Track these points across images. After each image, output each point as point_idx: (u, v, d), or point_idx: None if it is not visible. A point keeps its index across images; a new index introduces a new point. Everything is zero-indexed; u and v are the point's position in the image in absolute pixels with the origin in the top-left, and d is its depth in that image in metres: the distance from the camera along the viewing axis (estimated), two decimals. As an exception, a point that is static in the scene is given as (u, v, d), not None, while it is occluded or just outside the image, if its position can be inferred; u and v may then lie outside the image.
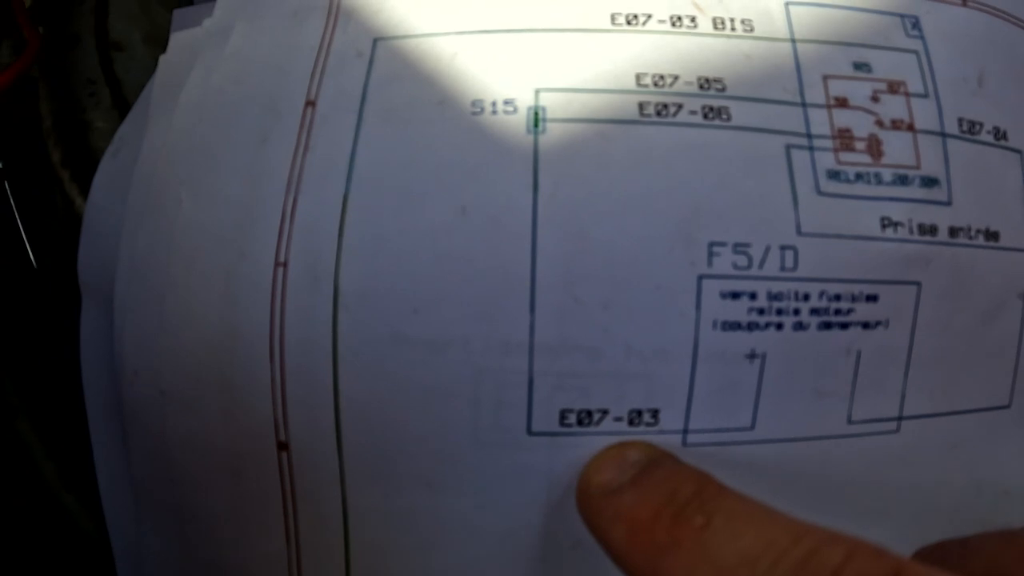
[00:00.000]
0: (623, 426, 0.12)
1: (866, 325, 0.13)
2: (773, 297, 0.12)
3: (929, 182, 0.14)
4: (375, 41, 0.14)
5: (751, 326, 0.12)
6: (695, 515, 0.10)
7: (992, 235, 0.14)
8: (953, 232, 0.14)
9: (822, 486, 0.13)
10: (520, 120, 0.13)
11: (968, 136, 0.14)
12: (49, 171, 0.17)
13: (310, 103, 0.14)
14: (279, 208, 0.13)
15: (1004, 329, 0.15)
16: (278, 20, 0.15)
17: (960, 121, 0.14)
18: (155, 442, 0.14)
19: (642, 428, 0.12)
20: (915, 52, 0.14)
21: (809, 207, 0.13)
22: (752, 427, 0.13)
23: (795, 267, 0.13)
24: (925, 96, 0.14)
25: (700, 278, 0.12)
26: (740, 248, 0.12)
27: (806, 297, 0.13)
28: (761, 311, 0.12)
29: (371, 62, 0.14)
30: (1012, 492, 0.15)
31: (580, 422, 0.12)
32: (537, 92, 0.13)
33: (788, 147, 0.13)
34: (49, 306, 0.18)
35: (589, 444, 0.12)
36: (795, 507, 0.13)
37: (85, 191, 0.17)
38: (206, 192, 0.14)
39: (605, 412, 0.12)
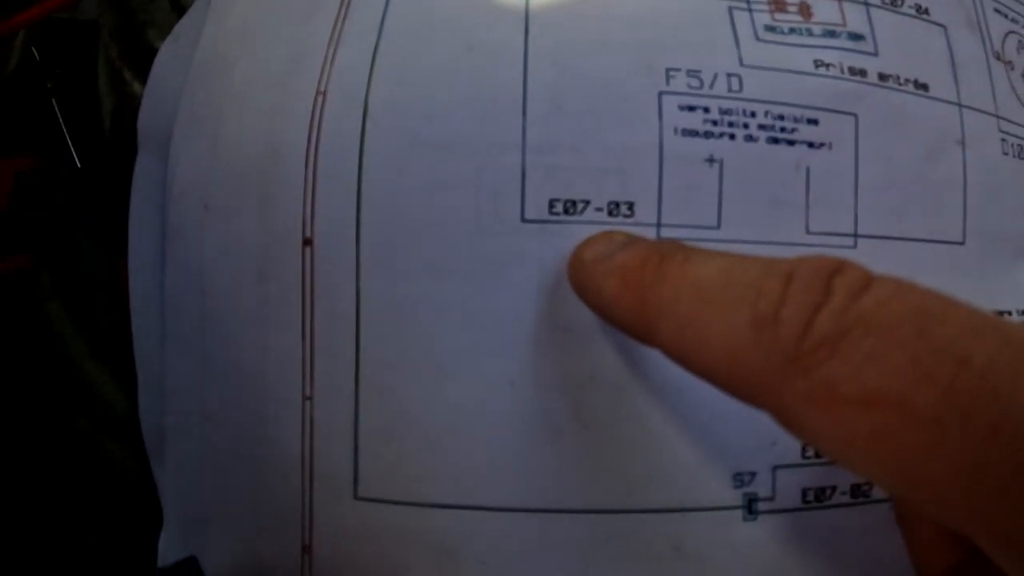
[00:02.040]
0: (603, 216, 0.15)
1: (811, 144, 0.15)
2: (724, 112, 0.15)
3: (855, 37, 0.16)
4: None
5: (707, 134, 0.15)
6: (676, 255, 0.12)
7: (922, 86, 0.17)
8: (882, 77, 0.16)
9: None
10: None
11: (890, 7, 0.17)
12: (95, 78, 0.20)
13: None
14: (321, 54, 0.16)
15: (947, 170, 0.17)
16: None
17: (881, -5, 0.17)
18: (193, 254, 0.16)
19: (620, 219, 0.15)
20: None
21: (749, 48, 0.16)
22: (718, 226, 0.15)
23: (740, 90, 0.15)
24: None
25: (660, 94, 0.15)
26: (692, 73, 0.15)
27: (752, 114, 0.15)
28: (715, 123, 0.15)
29: None
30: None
31: (566, 211, 0.15)
32: None
33: (731, 8, 0.16)
34: (89, 202, 0.21)
35: (575, 232, 0.15)
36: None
37: (141, 77, 0.20)
38: (260, 54, 0.17)
39: (587, 202, 0.15)
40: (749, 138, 0.15)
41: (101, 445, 0.20)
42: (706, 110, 0.15)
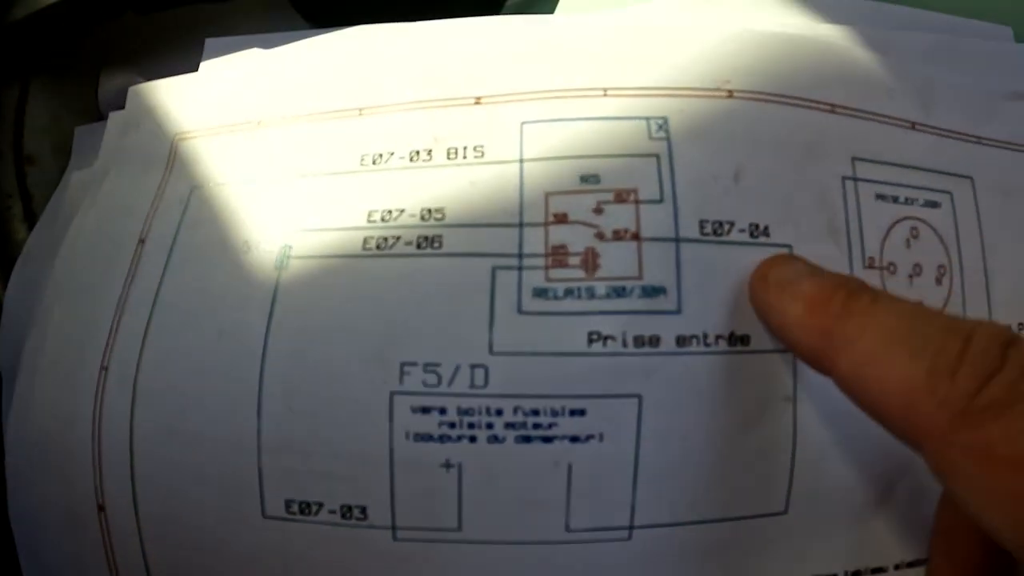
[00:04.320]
0: (337, 518, 0.14)
1: (575, 439, 0.13)
2: (464, 412, 0.13)
3: (652, 291, 0.14)
4: (192, 189, 0.17)
5: (443, 438, 0.13)
6: (863, 295, 0.13)
7: (740, 339, 0.14)
8: (683, 341, 0.14)
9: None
10: (271, 257, 0.15)
11: (712, 238, 0.14)
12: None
13: (141, 241, 0.17)
14: (108, 325, 0.16)
15: (770, 434, 0.14)
16: (134, 168, 0.18)
17: (703, 224, 0.14)
18: (25, 503, 0.17)
19: (353, 522, 0.14)
20: (655, 156, 0.15)
21: (506, 326, 0.14)
22: (459, 528, 0.14)
23: (485, 384, 0.13)
24: (659, 201, 0.14)
25: (392, 394, 0.14)
26: (430, 367, 0.13)
27: (499, 412, 0.13)
28: (452, 425, 0.13)
29: (186, 207, 0.17)
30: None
31: (302, 511, 0.14)
32: (288, 233, 0.15)
33: (495, 269, 0.14)
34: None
35: (315, 532, 0.14)
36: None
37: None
38: (70, 309, 0.17)
39: (320, 505, 0.14)
40: (494, 439, 0.13)
41: None
42: (442, 411, 0.13)
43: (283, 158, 0.16)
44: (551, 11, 0.21)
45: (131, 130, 0.18)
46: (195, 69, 0.19)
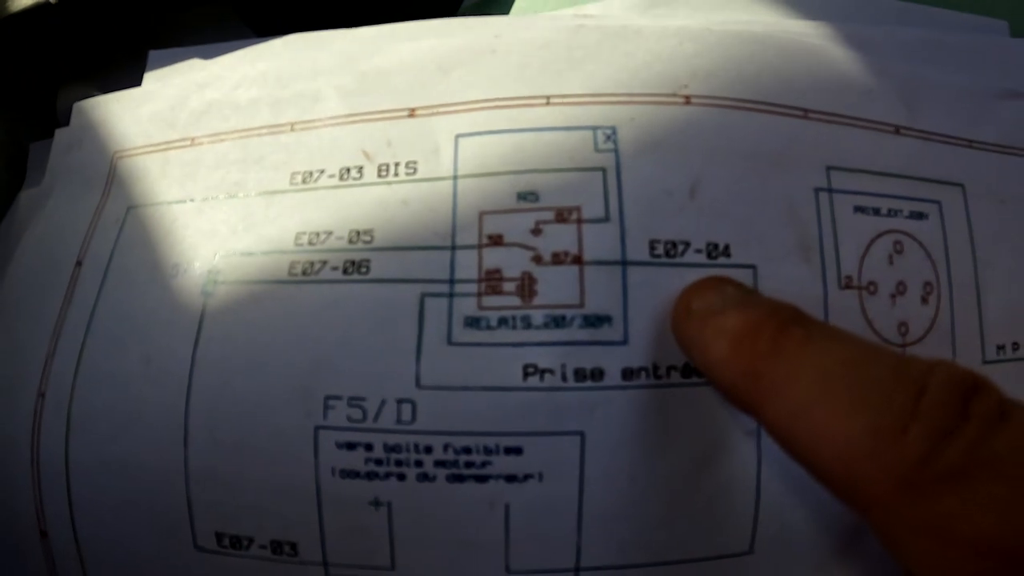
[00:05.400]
0: (268, 553, 0.13)
1: (511, 478, 0.12)
2: (391, 449, 0.12)
3: (595, 320, 0.13)
4: (128, 209, 0.16)
5: (370, 475, 0.12)
6: (795, 328, 0.11)
7: (696, 370, 0.13)
8: (629, 374, 0.13)
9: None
10: (198, 282, 0.14)
11: (663, 260, 0.13)
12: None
13: (79, 263, 0.16)
14: (45, 349, 0.15)
15: (731, 471, 0.13)
16: (76, 187, 0.17)
17: (653, 244, 0.13)
18: None
19: (284, 558, 0.13)
20: (602, 170, 0.13)
21: (433, 359, 0.12)
22: (392, 568, 0.13)
23: (412, 420, 0.12)
24: (605, 220, 0.13)
25: (317, 428, 0.13)
26: (355, 402, 0.12)
27: (428, 449, 0.12)
28: (379, 462, 0.12)
29: (122, 227, 0.16)
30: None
31: (233, 545, 0.13)
32: (217, 256, 0.14)
33: (423, 296, 0.13)
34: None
35: (247, 567, 0.13)
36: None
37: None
38: (9, 333, 0.17)
39: (251, 539, 0.13)
40: (424, 477, 0.12)
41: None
42: (368, 447, 0.12)
43: (215, 176, 0.15)
44: (507, 11, 0.20)
45: (74, 147, 0.18)
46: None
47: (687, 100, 0.14)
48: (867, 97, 0.14)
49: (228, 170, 0.15)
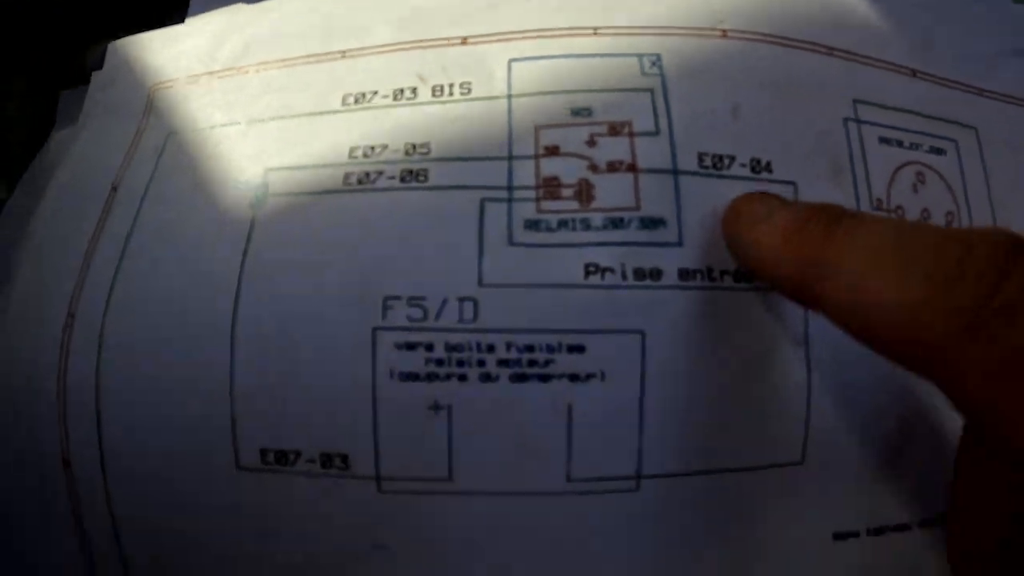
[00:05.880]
0: (316, 468, 0.13)
1: (574, 377, 0.12)
2: (452, 348, 0.12)
3: (651, 223, 0.13)
4: (168, 135, 0.16)
5: (431, 377, 0.12)
6: (844, 216, 0.11)
7: (747, 276, 0.13)
8: (686, 274, 0.13)
9: (546, 549, 0.13)
10: (247, 196, 0.14)
11: (712, 172, 0.14)
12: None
13: (114, 188, 0.16)
14: (75, 273, 0.15)
15: (781, 378, 0.13)
16: (110, 120, 0.17)
17: (701, 157, 0.14)
18: None
19: (334, 471, 0.13)
20: (649, 91, 0.14)
21: (495, 259, 0.13)
22: (449, 478, 0.12)
23: (474, 318, 0.12)
24: (655, 134, 0.14)
25: (375, 330, 0.12)
26: (415, 301, 0.12)
27: (490, 348, 0.12)
28: (440, 362, 0.12)
29: (161, 153, 0.16)
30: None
31: (278, 461, 0.13)
32: (266, 171, 0.14)
33: (483, 200, 0.13)
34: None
35: (292, 484, 0.13)
36: (514, 568, 0.12)
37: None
38: (38, 263, 0.16)
39: (298, 453, 0.13)
40: (486, 377, 0.12)
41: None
42: (429, 347, 0.12)
43: (262, 101, 0.15)
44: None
45: (108, 85, 0.18)
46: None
47: (724, 34, 0.15)
48: (884, 40, 0.16)
49: (275, 95, 0.15)
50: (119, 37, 0.21)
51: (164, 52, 0.17)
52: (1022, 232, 0.15)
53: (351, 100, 0.15)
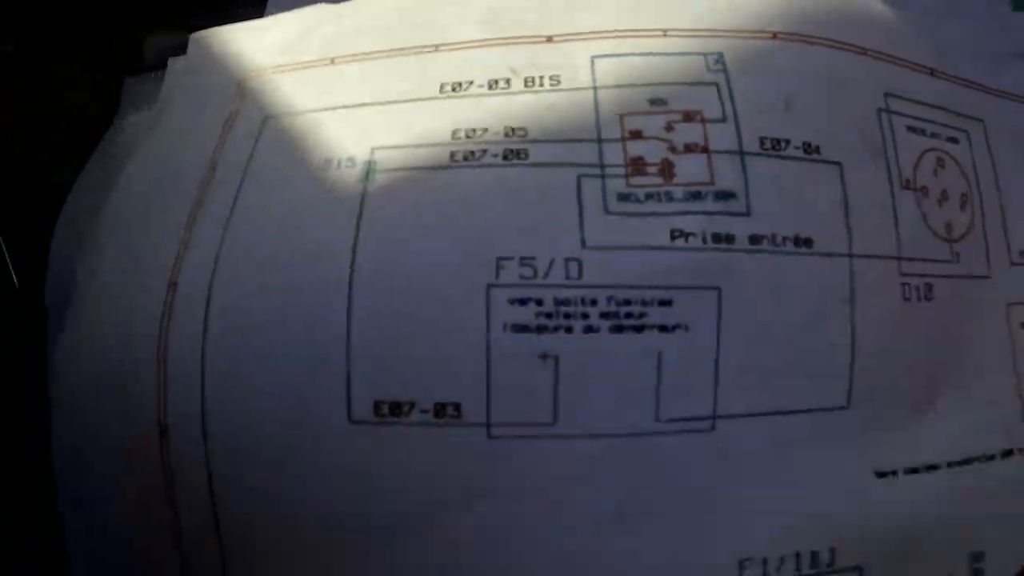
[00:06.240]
0: (429, 418, 0.14)
1: (663, 328, 0.14)
2: (560, 303, 0.14)
3: (724, 196, 0.15)
4: (265, 119, 0.17)
5: (540, 328, 0.14)
6: None
7: (804, 241, 0.15)
8: (754, 239, 0.15)
9: (637, 485, 0.14)
10: (356, 172, 0.16)
11: (771, 152, 0.16)
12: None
13: (212, 166, 0.17)
14: (176, 245, 0.16)
15: (830, 334, 0.15)
16: (199, 105, 0.19)
17: (762, 140, 0.16)
18: (73, 432, 0.17)
19: (446, 420, 0.14)
20: (715, 84, 0.16)
21: (595, 225, 0.14)
22: (554, 422, 0.14)
23: (579, 276, 0.14)
24: (723, 120, 0.16)
25: (489, 287, 0.14)
26: (526, 261, 0.14)
27: (593, 302, 0.14)
28: (549, 315, 0.14)
29: (259, 135, 0.17)
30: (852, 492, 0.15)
31: (392, 412, 0.14)
32: (373, 150, 0.16)
33: (580, 177, 0.15)
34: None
35: (405, 435, 0.14)
36: (609, 505, 0.14)
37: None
38: (129, 235, 0.17)
39: (413, 404, 0.14)
40: (589, 329, 0.14)
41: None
42: (539, 302, 0.14)
43: (360, 88, 0.17)
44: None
45: (192, 72, 0.19)
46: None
47: (774, 36, 0.17)
48: (908, 42, 0.18)
49: (373, 83, 0.17)
50: (170, 29, 0.22)
51: (250, 43, 0.19)
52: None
53: (448, 88, 0.16)
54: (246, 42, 0.19)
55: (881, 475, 0.16)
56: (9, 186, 0.23)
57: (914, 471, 0.16)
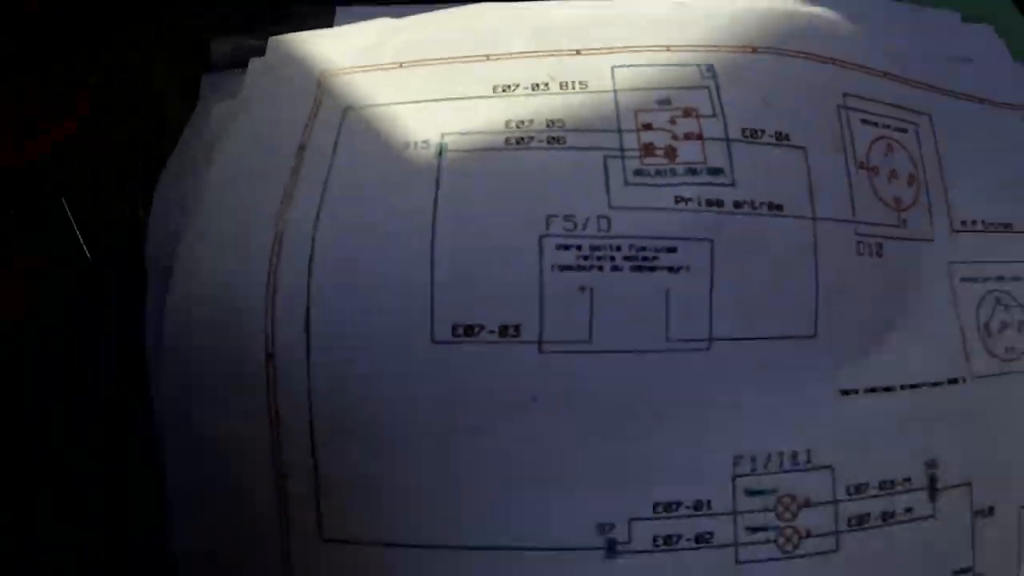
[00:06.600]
0: (495, 336, 0.19)
1: (671, 269, 0.19)
2: (594, 248, 0.19)
3: (714, 171, 0.20)
4: (346, 109, 0.22)
5: (579, 267, 0.19)
6: None
7: (776, 207, 0.20)
8: (737, 204, 0.20)
9: (651, 392, 0.19)
10: (431, 151, 0.20)
11: (751, 139, 0.20)
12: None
13: (302, 147, 0.21)
14: (277, 202, 0.20)
15: (798, 277, 0.20)
16: (283, 94, 0.22)
17: (743, 130, 0.20)
18: (179, 370, 0.20)
19: (509, 339, 0.19)
20: (707, 88, 0.21)
21: (618, 192, 0.19)
22: (590, 340, 0.19)
23: (608, 229, 0.19)
24: (713, 116, 0.20)
25: (541, 237, 0.19)
26: (568, 217, 0.19)
27: (618, 248, 0.19)
28: (586, 258, 0.19)
29: (342, 122, 0.21)
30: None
31: (466, 333, 0.19)
32: (443, 135, 0.21)
33: (606, 158, 0.20)
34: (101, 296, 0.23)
35: (475, 351, 0.19)
36: (631, 408, 0.19)
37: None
38: (233, 195, 0.21)
39: (482, 327, 0.19)
40: (615, 268, 0.19)
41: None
42: (579, 248, 0.19)
43: (425, 86, 0.22)
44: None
45: (273, 69, 0.23)
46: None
47: (754, 50, 0.22)
48: (864, 51, 0.23)
49: (439, 84, 0.22)
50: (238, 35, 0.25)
51: (326, 48, 0.23)
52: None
53: (499, 89, 0.21)
54: (322, 46, 0.23)
55: (844, 392, 0.20)
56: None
57: (872, 391, 0.20)
